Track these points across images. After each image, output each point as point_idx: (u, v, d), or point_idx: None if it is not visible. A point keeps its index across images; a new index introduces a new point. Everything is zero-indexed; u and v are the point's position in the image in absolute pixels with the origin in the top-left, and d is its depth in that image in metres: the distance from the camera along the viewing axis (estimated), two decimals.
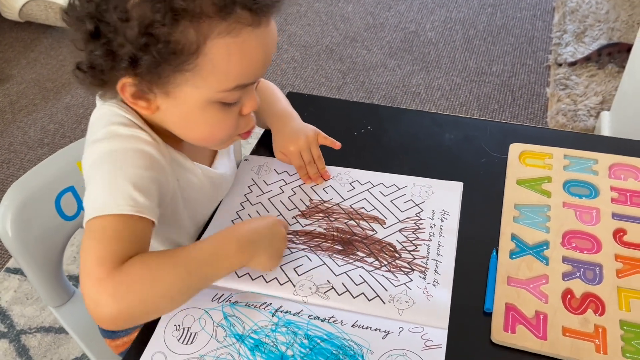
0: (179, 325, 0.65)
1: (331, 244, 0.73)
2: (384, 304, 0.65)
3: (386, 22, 2.46)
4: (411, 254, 0.71)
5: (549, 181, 0.79)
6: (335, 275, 0.69)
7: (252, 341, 0.63)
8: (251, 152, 0.90)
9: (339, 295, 0.66)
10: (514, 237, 0.72)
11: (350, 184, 0.82)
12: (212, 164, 0.77)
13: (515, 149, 0.84)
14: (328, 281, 0.68)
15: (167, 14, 0.53)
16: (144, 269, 0.56)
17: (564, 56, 2.08)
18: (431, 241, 0.72)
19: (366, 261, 0.71)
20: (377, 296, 0.66)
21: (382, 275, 0.69)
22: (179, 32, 0.54)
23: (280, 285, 0.68)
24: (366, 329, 0.63)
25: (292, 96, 1.01)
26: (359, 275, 0.69)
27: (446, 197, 0.78)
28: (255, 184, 0.83)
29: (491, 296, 0.66)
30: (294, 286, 0.68)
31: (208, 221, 0.78)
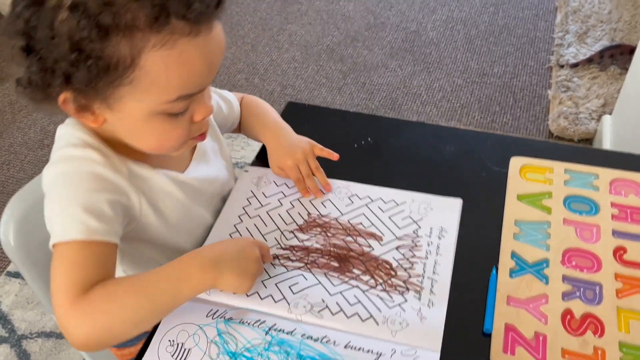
0: (173, 341, 0.65)
1: (327, 260, 0.73)
2: (377, 325, 0.65)
3: (387, 22, 2.44)
4: (407, 271, 0.71)
5: (550, 197, 0.79)
6: (330, 295, 0.69)
7: (244, 359, 0.63)
8: (251, 163, 0.90)
9: (333, 314, 0.66)
10: (514, 255, 0.72)
11: (349, 198, 0.82)
12: (186, 168, 0.76)
13: (515, 162, 0.84)
14: (322, 300, 0.68)
15: (93, 30, 0.52)
16: (105, 297, 0.57)
17: (566, 57, 2.07)
18: (427, 259, 0.72)
19: (362, 279, 0.71)
20: (371, 317, 0.66)
21: (377, 296, 0.68)
22: (111, 47, 0.53)
23: (275, 302, 0.68)
24: (359, 350, 0.63)
25: (292, 106, 1.01)
26: (354, 295, 0.69)
27: (444, 214, 0.78)
28: (254, 196, 0.83)
29: (490, 316, 0.66)
30: (289, 304, 0.68)
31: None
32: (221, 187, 0.83)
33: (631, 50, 1.96)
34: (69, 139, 0.64)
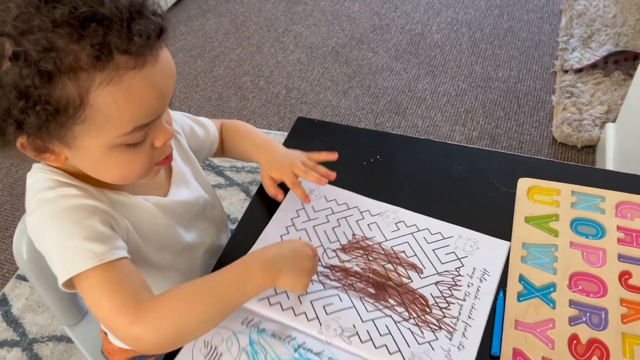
0: (207, 342, 0.68)
1: (365, 286, 0.74)
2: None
3: (392, 23, 2.45)
4: (442, 311, 0.71)
5: (557, 219, 0.80)
6: (363, 321, 0.69)
7: None
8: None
9: (361, 342, 0.67)
10: (521, 279, 0.74)
11: (395, 224, 0.82)
12: (167, 192, 0.77)
13: (523, 184, 0.86)
14: (354, 326, 0.69)
15: (36, 76, 0.52)
16: (172, 300, 0.61)
17: (570, 62, 2.08)
18: (465, 301, 0.71)
19: (396, 310, 0.71)
20: (399, 351, 0.66)
21: (409, 329, 0.69)
22: (57, 90, 0.53)
23: (308, 321, 0.70)
24: None
25: (302, 122, 1.03)
26: (385, 325, 0.69)
27: (490, 255, 0.77)
28: (303, 208, 0.85)
29: (498, 340, 0.68)
30: (320, 325, 0.69)
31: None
32: (203, 208, 0.84)
33: (635, 57, 1.97)
34: (41, 184, 0.64)
